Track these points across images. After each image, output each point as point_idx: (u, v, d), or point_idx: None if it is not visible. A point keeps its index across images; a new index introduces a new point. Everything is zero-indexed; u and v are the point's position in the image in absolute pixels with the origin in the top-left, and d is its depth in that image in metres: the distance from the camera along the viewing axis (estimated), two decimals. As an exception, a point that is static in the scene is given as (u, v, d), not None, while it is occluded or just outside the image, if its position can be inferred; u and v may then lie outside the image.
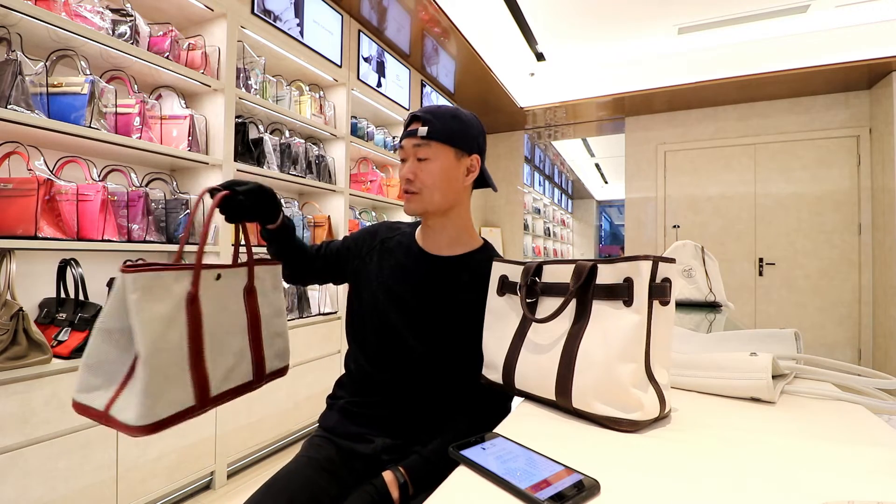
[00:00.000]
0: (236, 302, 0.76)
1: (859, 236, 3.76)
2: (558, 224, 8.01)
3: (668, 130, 4.43)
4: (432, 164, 0.84)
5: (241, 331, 0.76)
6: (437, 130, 0.83)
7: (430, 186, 0.85)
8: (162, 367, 0.60)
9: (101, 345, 0.61)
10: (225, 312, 0.73)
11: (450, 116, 0.85)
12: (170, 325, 0.62)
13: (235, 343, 0.74)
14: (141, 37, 1.63)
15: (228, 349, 0.72)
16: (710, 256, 1.69)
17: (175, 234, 1.72)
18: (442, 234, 0.90)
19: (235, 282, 0.76)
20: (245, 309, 0.77)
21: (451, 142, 0.85)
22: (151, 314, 0.60)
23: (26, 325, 1.23)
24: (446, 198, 0.86)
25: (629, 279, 0.58)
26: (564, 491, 0.41)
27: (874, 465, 0.46)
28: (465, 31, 3.05)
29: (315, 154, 2.44)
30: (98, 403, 0.60)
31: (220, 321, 0.71)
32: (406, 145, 0.86)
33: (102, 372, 0.61)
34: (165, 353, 0.61)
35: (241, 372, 0.74)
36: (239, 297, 0.76)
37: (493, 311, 0.77)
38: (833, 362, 0.76)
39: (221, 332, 0.71)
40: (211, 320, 0.68)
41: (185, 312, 0.64)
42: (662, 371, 0.60)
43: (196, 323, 0.65)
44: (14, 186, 1.29)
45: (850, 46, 3.27)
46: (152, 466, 1.55)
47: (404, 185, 0.87)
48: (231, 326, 0.74)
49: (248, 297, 0.78)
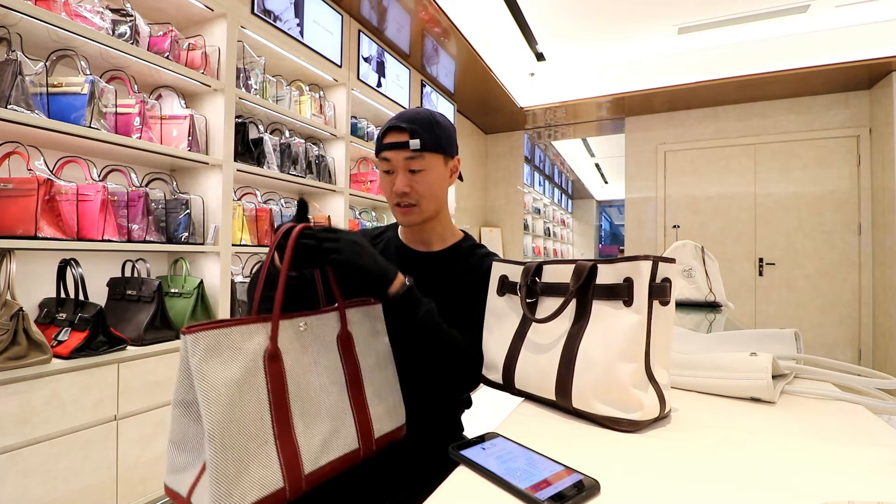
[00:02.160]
0: (329, 354, 0.65)
1: (859, 236, 3.76)
2: (558, 224, 8.01)
3: (668, 130, 4.43)
4: (427, 174, 0.84)
5: (338, 388, 0.64)
6: (427, 141, 0.82)
7: (427, 196, 0.85)
8: (234, 444, 0.51)
9: (180, 419, 0.53)
10: (316, 368, 0.62)
11: (433, 124, 0.84)
12: (242, 391, 0.53)
13: (332, 403, 0.62)
14: (141, 37, 1.63)
15: (324, 412, 0.61)
16: (710, 256, 1.69)
17: (175, 234, 1.72)
18: (432, 234, 0.93)
19: (325, 331, 0.65)
20: (341, 361, 0.65)
21: (440, 149, 0.85)
22: (216, 380, 0.51)
23: (26, 325, 1.23)
24: (439, 203, 0.89)
25: (629, 279, 0.58)
26: (564, 491, 0.41)
27: (874, 465, 0.46)
28: (465, 31, 3.05)
29: (315, 154, 2.44)
30: (182, 488, 0.53)
31: (309, 380, 0.61)
32: (394, 158, 0.83)
33: (187, 450, 0.54)
34: (237, 425, 0.52)
35: (344, 439, 0.62)
36: (332, 348, 0.65)
37: (493, 311, 0.77)
38: (833, 362, 0.76)
39: (312, 392, 0.60)
40: (298, 380, 0.59)
41: (264, 373, 0.55)
42: (662, 371, 0.60)
43: (279, 385, 0.56)
44: (14, 186, 1.29)
45: (850, 46, 3.27)
46: (152, 466, 1.55)
47: (399, 198, 0.84)
48: (325, 385, 0.62)
49: (342, 348, 0.66)
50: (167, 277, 1.82)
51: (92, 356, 1.37)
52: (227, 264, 1.86)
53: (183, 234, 1.73)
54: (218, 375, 0.51)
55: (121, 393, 1.45)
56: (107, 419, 1.42)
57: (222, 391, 0.51)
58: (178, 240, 1.72)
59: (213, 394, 0.51)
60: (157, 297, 1.58)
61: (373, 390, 0.68)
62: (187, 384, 0.52)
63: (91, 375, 1.37)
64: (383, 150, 0.85)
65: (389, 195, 0.87)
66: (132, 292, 1.62)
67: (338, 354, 0.65)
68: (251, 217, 2.07)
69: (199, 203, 1.82)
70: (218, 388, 0.51)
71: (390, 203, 0.88)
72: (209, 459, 0.49)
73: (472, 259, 0.91)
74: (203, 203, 1.84)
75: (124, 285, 1.64)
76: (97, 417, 1.39)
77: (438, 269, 0.91)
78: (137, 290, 1.61)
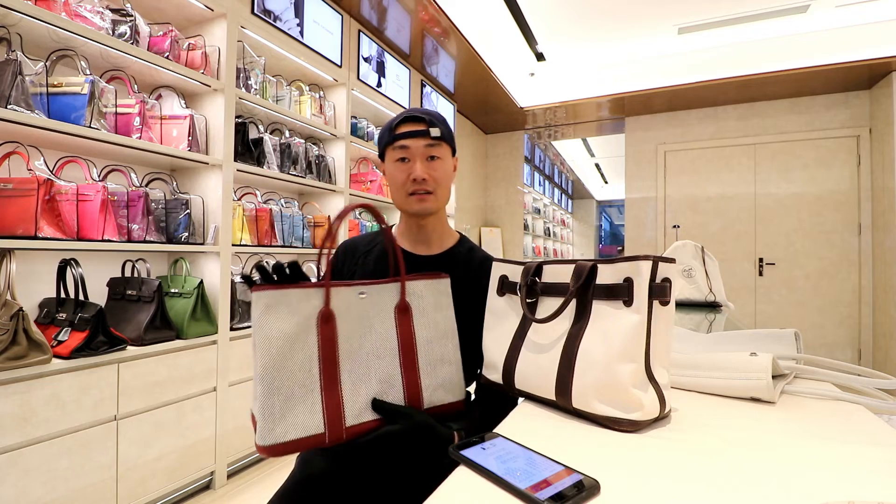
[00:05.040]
0: (385, 322, 0.68)
1: (859, 236, 3.76)
2: (558, 224, 8.01)
3: (668, 130, 4.43)
4: (443, 163, 0.88)
5: (390, 355, 0.67)
6: (443, 132, 0.87)
7: (443, 185, 0.88)
8: (282, 388, 0.57)
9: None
10: (370, 334, 0.66)
11: (442, 119, 0.89)
12: (294, 345, 0.59)
13: (383, 368, 0.66)
14: (141, 37, 1.63)
15: (374, 375, 0.65)
16: (710, 256, 1.69)
17: (175, 234, 1.72)
18: (433, 234, 0.93)
19: (386, 300, 0.69)
20: (396, 330, 0.69)
21: (451, 142, 0.90)
22: (271, 332, 0.58)
23: (26, 325, 1.23)
24: (448, 194, 0.91)
25: (629, 279, 0.58)
26: (564, 491, 0.41)
27: (874, 465, 0.46)
28: (465, 31, 3.05)
29: (315, 154, 2.44)
30: (253, 412, 0.60)
31: (362, 343, 0.65)
32: (413, 145, 0.85)
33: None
34: (286, 372, 0.58)
35: (391, 400, 0.66)
36: (389, 316, 0.69)
37: (494, 311, 0.77)
38: (833, 362, 0.76)
39: (364, 355, 0.65)
40: (351, 342, 0.64)
41: (316, 332, 0.61)
42: (663, 371, 0.60)
43: (329, 344, 0.61)
44: (14, 186, 1.29)
45: (850, 46, 3.27)
46: (152, 466, 1.55)
47: (417, 185, 0.85)
48: (378, 350, 0.66)
49: (399, 318, 0.69)
50: (167, 277, 1.82)
51: (92, 356, 1.37)
52: (227, 264, 1.86)
53: (183, 234, 1.73)
54: (273, 327, 0.58)
55: (121, 393, 1.45)
56: (107, 419, 1.42)
57: (274, 342, 0.58)
58: (178, 240, 1.72)
59: (265, 343, 0.58)
60: (157, 297, 1.58)
61: (427, 361, 0.70)
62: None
63: (91, 375, 1.37)
64: (401, 139, 0.85)
65: (404, 183, 0.85)
66: (132, 292, 1.62)
67: (394, 323, 0.69)
68: (251, 217, 2.08)
69: (199, 203, 1.82)
70: (271, 338, 0.58)
71: (402, 193, 0.86)
72: (258, 397, 0.57)
73: (471, 266, 0.92)
74: (203, 203, 1.84)
75: (124, 285, 1.65)
76: (97, 417, 1.39)
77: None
78: (137, 290, 1.61)
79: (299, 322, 0.60)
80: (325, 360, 0.61)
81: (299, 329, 0.60)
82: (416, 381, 0.68)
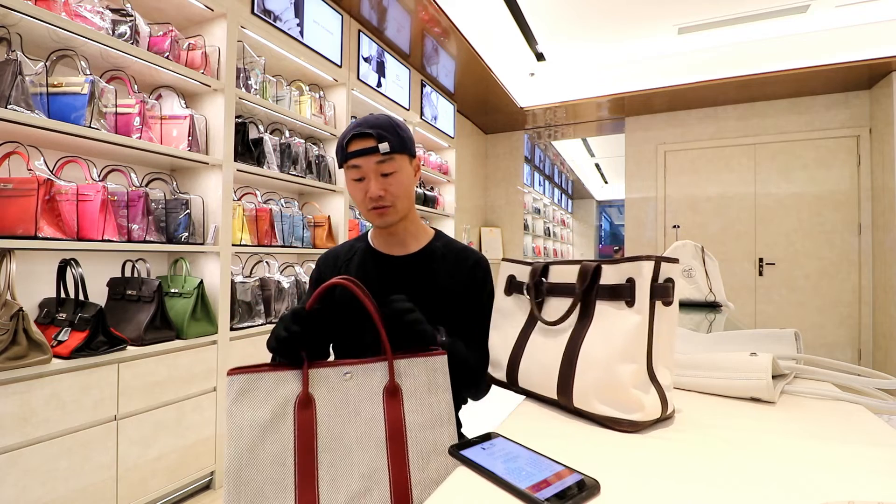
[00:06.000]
0: (373, 407, 0.60)
1: (859, 236, 3.76)
2: (558, 224, 8.01)
3: (668, 130, 4.43)
4: (399, 175, 0.86)
5: (376, 445, 0.59)
6: (394, 143, 0.84)
7: (402, 196, 0.88)
8: (250, 484, 0.52)
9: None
10: (355, 419, 0.59)
11: (394, 126, 0.86)
12: (266, 435, 0.54)
13: (367, 461, 0.58)
14: (141, 37, 1.63)
15: (356, 468, 0.57)
16: (710, 256, 1.69)
17: (175, 234, 1.72)
18: (405, 236, 0.94)
19: (372, 381, 0.61)
20: (384, 415, 0.61)
21: (406, 150, 0.87)
22: (242, 421, 0.53)
23: (26, 325, 1.23)
24: (411, 201, 0.91)
25: (631, 279, 0.58)
26: (565, 491, 0.41)
27: (874, 465, 0.46)
28: (465, 31, 3.05)
29: (315, 154, 2.44)
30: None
31: (345, 431, 0.58)
32: (364, 164, 0.84)
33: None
34: (256, 466, 0.52)
35: (374, 502, 0.58)
36: (377, 400, 0.61)
37: (501, 310, 0.78)
38: (833, 362, 0.76)
39: (346, 445, 0.58)
40: (332, 430, 0.57)
41: (294, 420, 0.55)
42: (666, 372, 0.60)
43: (307, 433, 0.55)
44: (14, 186, 1.29)
45: (850, 46, 3.27)
46: (152, 466, 1.55)
47: (374, 203, 0.85)
48: (362, 438, 0.58)
49: (388, 401, 0.61)
50: (167, 277, 1.82)
51: (92, 356, 1.37)
52: (227, 264, 1.86)
53: (183, 234, 1.73)
54: (245, 416, 0.54)
55: (121, 393, 1.45)
56: (107, 419, 1.42)
57: (245, 431, 0.53)
58: (178, 240, 1.72)
59: (235, 433, 0.53)
60: (157, 297, 1.58)
61: (417, 452, 0.61)
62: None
63: (91, 375, 1.37)
64: (352, 158, 0.84)
65: (363, 201, 0.87)
66: (132, 292, 1.62)
67: (382, 408, 0.61)
68: (251, 217, 2.08)
69: (199, 203, 1.82)
70: (242, 427, 0.53)
71: (364, 209, 0.88)
72: (224, 494, 0.52)
73: (448, 258, 0.93)
74: (203, 203, 1.84)
75: (124, 285, 1.64)
76: (97, 417, 1.39)
77: (416, 273, 0.92)
78: (137, 290, 1.61)
79: (274, 409, 0.55)
80: (301, 451, 0.55)
81: (274, 416, 0.55)
82: (404, 478, 0.60)
